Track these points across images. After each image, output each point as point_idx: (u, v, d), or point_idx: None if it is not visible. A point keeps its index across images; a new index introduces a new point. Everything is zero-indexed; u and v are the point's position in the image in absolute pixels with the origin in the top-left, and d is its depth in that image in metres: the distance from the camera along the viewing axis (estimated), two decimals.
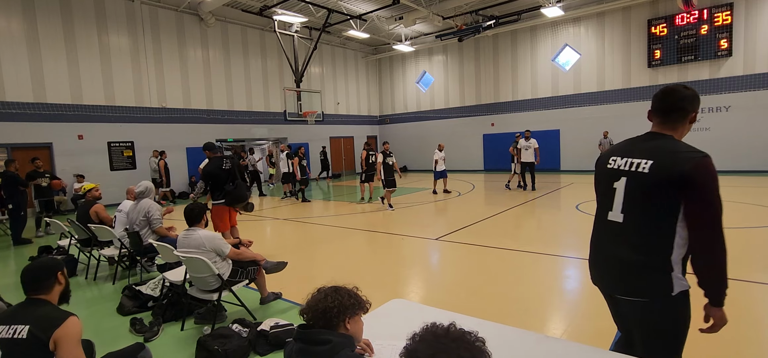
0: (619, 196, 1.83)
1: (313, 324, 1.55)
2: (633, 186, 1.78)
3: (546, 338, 2.11)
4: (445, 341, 1.08)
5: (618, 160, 1.88)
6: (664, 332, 1.80)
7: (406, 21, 15.92)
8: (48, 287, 2.12)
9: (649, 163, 1.73)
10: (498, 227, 7.80)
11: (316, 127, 18.98)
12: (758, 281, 4.19)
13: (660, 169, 1.70)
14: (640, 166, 1.76)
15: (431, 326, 1.16)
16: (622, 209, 1.82)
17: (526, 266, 5.30)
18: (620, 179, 1.83)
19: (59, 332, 1.95)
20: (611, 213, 1.87)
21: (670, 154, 1.71)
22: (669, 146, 1.76)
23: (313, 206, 11.46)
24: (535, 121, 17.80)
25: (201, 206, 3.97)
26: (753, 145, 13.65)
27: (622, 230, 1.82)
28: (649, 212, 1.74)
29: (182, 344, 3.49)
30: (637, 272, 1.78)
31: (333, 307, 1.53)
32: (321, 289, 1.63)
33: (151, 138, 14.09)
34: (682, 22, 14.23)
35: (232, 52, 16.53)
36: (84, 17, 12.55)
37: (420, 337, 1.13)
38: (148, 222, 5.21)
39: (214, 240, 3.72)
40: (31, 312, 2.01)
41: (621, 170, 1.84)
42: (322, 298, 1.57)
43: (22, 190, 8.07)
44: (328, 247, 7.03)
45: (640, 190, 1.75)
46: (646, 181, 1.73)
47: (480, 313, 3.70)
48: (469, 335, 1.11)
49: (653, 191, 1.71)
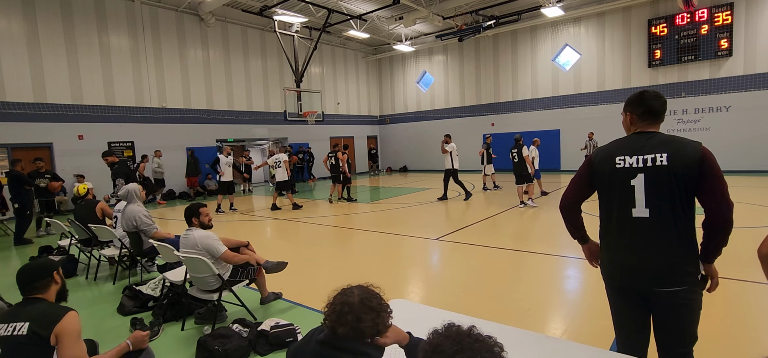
0: (640, 192, 1.90)
1: (343, 334, 1.46)
2: (654, 180, 1.87)
3: (546, 338, 2.11)
4: (469, 340, 1.11)
5: (627, 158, 1.94)
6: (696, 315, 1.94)
7: (406, 21, 15.92)
8: (44, 287, 2.15)
9: (665, 155, 1.86)
10: (498, 226, 7.80)
11: (316, 127, 18.97)
12: (758, 281, 4.19)
13: (677, 159, 1.83)
14: (656, 160, 1.87)
15: (453, 324, 1.17)
16: (647, 204, 1.90)
17: (526, 266, 5.30)
18: (637, 176, 1.91)
19: (60, 327, 1.98)
20: (635, 210, 1.93)
21: (679, 145, 1.86)
22: (671, 139, 1.91)
23: (311, 207, 11.46)
24: (535, 121, 17.81)
25: (194, 205, 3.92)
26: (753, 145, 13.65)
27: (652, 224, 1.90)
28: (675, 201, 1.85)
29: (182, 344, 3.49)
30: (677, 261, 1.88)
31: (369, 327, 1.45)
32: (349, 303, 1.47)
33: (151, 138, 14.10)
34: (682, 22, 14.23)
35: (232, 52, 16.53)
36: (84, 17, 12.56)
37: (444, 333, 1.14)
38: (138, 231, 4.93)
39: (206, 240, 3.68)
40: (30, 310, 2.04)
41: (635, 168, 1.92)
42: (354, 316, 1.45)
43: (27, 189, 8.11)
44: (328, 247, 7.03)
45: (664, 181, 1.85)
46: (667, 172, 1.84)
47: (480, 313, 3.71)
48: (490, 339, 1.14)
49: (675, 180, 1.83)
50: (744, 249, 5.42)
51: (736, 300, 3.91)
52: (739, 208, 8.15)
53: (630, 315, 2.07)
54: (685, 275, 1.88)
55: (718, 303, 3.64)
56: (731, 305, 3.79)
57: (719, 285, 1.99)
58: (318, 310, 3.99)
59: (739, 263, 4.62)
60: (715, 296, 2.07)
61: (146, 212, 5.05)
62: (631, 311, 2.06)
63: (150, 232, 4.95)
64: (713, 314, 3.33)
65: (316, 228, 8.53)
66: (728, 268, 4.58)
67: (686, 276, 1.88)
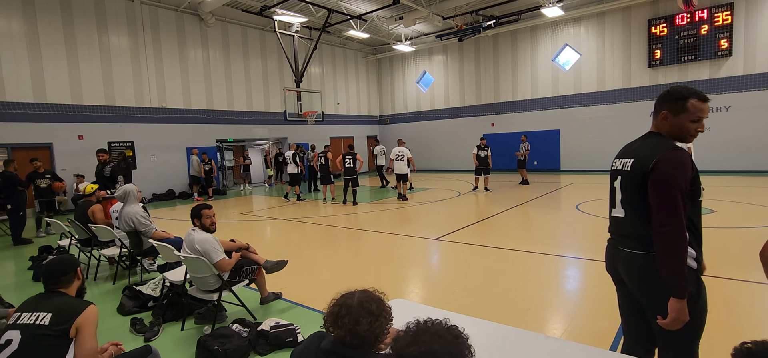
0: (619, 193, 2.03)
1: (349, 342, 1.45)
2: (624, 184, 1.98)
3: (546, 338, 2.12)
4: (424, 334, 1.15)
5: (616, 161, 2.09)
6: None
7: (406, 21, 15.92)
8: (68, 282, 2.29)
9: (631, 161, 1.95)
10: (498, 226, 7.80)
11: (316, 127, 18.97)
12: (759, 281, 4.19)
13: (636, 166, 1.90)
14: (625, 165, 1.98)
15: (423, 320, 1.21)
16: (622, 205, 2.01)
17: (526, 266, 5.30)
18: (617, 179, 2.05)
19: (81, 319, 2.11)
20: (614, 210, 2.07)
21: (645, 151, 1.90)
22: (645, 145, 1.95)
23: (307, 207, 11.46)
24: (535, 121, 17.81)
25: (198, 206, 3.91)
26: (753, 145, 13.64)
27: (627, 225, 2.00)
28: (641, 206, 1.89)
29: (182, 344, 3.49)
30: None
31: (366, 330, 1.43)
32: (348, 305, 1.46)
33: (151, 138, 14.10)
34: (682, 22, 14.23)
35: (232, 52, 16.53)
36: (84, 17, 12.56)
37: (409, 328, 1.20)
38: (137, 231, 4.91)
39: (204, 244, 3.61)
40: (53, 302, 2.17)
41: (617, 170, 2.06)
42: (352, 319, 1.44)
43: (20, 190, 8.05)
44: (327, 247, 7.03)
45: (629, 187, 1.94)
46: (629, 177, 1.94)
47: (480, 313, 3.71)
48: (451, 331, 1.17)
49: (635, 186, 1.90)
50: (744, 249, 5.44)
51: (736, 300, 3.91)
52: (739, 208, 8.16)
53: (623, 307, 2.19)
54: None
55: (718, 303, 3.64)
56: (731, 305, 3.78)
57: (720, 285, 1.99)
58: (318, 310, 3.99)
59: (739, 263, 4.63)
60: (715, 295, 2.07)
61: (144, 213, 5.04)
62: (622, 303, 2.19)
63: (149, 232, 4.94)
64: (713, 314, 3.32)
65: (316, 228, 8.53)
66: (729, 268, 4.59)
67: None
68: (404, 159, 11.42)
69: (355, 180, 11.01)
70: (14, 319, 2.09)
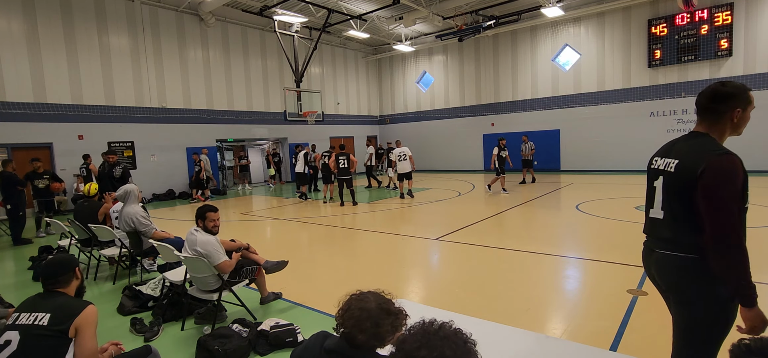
0: (660, 194, 1.92)
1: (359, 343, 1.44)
2: (667, 185, 1.87)
3: (546, 338, 2.11)
4: (433, 337, 1.12)
5: (658, 160, 1.97)
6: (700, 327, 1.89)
7: (406, 21, 15.92)
8: (66, 281, 2.27)
9: (676, 162, 1.82)
10: (498, 226, 7.80)
11: (316, 127, 18.97)
12: (759, 281, 4.19)
13: (683, 167, 1.78)
14: (669, 165, 1.86)
15: (427, 321, 1.19)
16: (662, 207, 1.91)
17: (526, 266, 5.30)
18: (659, 179, 1.93)
19: (80, 319, 2.09)
20: (652, 210, 1.97)
21: (693, 152, 1.78)
22: (691, 145, 1.83)
23: (307, 207, 11.46)
24: (535, 121, 17.81)
25: (203, 207, 3.90)
26: (753, 145, 13.63)
27: (665, 227, 1.90)
28: (685, 209, 1.79)
29: (182, 344, 3.49)
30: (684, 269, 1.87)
31: (388, 331, 1.45)
32: (367, 309, 1.46)
33: (151, 138, 14.10)
34: (682, 22, 14.23)
35: (232, 52, 16.53)
36: (84, 17, 12.56)
37: (413, 330, 1.17)
38: (137, 231, 4.90)
39: (207, 245, 3.60)
40: (52, 302, 2.15)
41: (658, 170, 1.94)
42: (373, 322, 1.44)
43: (19, 190, 8.05)
44: (327, 247, 7.03)
45: (672, 188, 1.84)
46: (674, 179, 1.82)
47: (480, 313, 3.70)
48: (459, 335, 1.14)
49: (680, 188, 1.79)
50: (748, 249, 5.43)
51: None
52: None
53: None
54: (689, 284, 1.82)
55: None
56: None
57: None
58: (318, 310, 3.99)
59: None
60: None
61: (144, 213, 5.04)
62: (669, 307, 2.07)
63: (149, 232, 4.93)
64: None
65: (316, 228, 8.53)
66: None
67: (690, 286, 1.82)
68: (407, 158, 11.71)
69: (349, 181, 11.11)
70: (13, 319, 2.08)
